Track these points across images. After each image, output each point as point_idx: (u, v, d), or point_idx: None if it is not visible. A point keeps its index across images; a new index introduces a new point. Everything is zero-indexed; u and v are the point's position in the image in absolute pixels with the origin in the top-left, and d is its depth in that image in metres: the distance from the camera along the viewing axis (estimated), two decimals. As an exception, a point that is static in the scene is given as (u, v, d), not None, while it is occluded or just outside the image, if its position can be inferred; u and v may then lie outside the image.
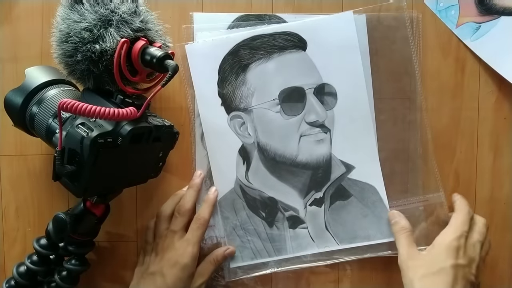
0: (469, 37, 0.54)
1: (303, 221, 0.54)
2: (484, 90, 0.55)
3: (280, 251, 0.54)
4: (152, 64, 0.40)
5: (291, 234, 0.54)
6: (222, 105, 0.53)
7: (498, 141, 0.55)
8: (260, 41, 0.53)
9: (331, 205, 0.54)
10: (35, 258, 0.47)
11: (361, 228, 0.54)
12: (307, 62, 0.53)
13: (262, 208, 0.54)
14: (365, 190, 0.54)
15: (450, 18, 0.55)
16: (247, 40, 0.53)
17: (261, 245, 0.54)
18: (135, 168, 0.46)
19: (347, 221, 0.54)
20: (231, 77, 0.53)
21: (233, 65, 0.53)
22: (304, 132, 0.53)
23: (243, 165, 0.54)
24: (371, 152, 0.54)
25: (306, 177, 0.54)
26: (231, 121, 0.54)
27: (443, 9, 0.55)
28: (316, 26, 0.53)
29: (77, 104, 0.36)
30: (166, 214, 0.51)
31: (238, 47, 0.53)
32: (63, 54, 0.41)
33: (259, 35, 0.53)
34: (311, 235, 0.54)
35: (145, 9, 0.43)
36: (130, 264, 0.54)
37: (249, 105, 0.53)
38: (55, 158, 0.39)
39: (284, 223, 0.54)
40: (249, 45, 0.53)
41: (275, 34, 0.53)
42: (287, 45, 0.53)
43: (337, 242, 0.54)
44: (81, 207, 0.45)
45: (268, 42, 0.53)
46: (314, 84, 0.53)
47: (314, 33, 0.53)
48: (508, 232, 0.55)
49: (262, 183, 0.54)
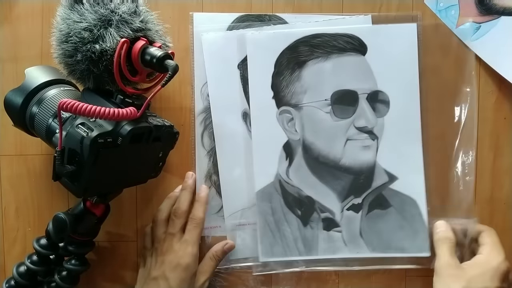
0: (469, 37, 0.54)
1: (338, 224, 0.54)
2: (484, 90, 0.55)
3: (311, 251, 0.54)
4: (152, 64, 0.40)
5: (324, 236, 0.54)
6: (274, 98, 0.53)
7: (498, 141, 0.55)
8: (320, 39, 0.53)
9: (368, 212, 0.54)
10: (35, 258, 0.47)
11: (396, 239, 0.53)
12: (365, 66, 0.53)
13: (298, 206, 0.54)
14: (406, 202, 0.53)
15: (450, 18, 0.55)
16: (308, 37, 0.53)
17: (292, 243, 0.54)
18: (135, 168, 0.46)
19: (383, 230, 0.53)
20: (287, 72, 0.53)
21: (291, 60, 0.53)
22: (351, 136, 0.53)
23: (285, 160, 0.54)
24: (417, 165, 0.53)
25: (347, 181, 0.54)
26: (280, 115, 0.54)
27: (443, 9, 0.55)
28: (379, 33, 0.53)
29: (77, 104, 0.36)
30: (163, 218, 0.51)
31: (298, 43, 0.53)
32: (63, 54, 0.41)
33: (320, 34, 0.53)
34: (344, 239, 0.54)
35: (145, 9, 0.43)
36: (130, 264, 0.55)
37: (300, 102, 0.53)
38: (55, 158, 0.39)
39: (318, 224, 0.54)
40: (309, 42, 0.53)
41: (337, 35, 0.53)
42: (347, 47, 0.53)
43: (370, 250, 0.54)
44: (81, 207, 0.45)
45: (329, 42, 0.53)
46: (369, 89, 0.53)
47: (375, 39, 0.53)
48: (508, 232, 0.55)
49: (302, 181, 0.54)
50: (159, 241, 0.50)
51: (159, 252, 0.50)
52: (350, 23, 0.53)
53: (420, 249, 0.53)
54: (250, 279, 0.55)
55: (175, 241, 0.50)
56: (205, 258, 0.52)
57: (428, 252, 0.53)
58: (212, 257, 0.52)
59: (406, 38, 0.53)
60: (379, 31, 0.53)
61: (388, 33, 0.53)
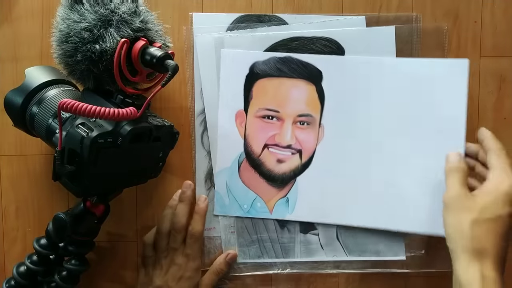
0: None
1: (315, 227, 0.54)
2: (484, 90, 0.55)
3: (288, 253, 0.54)
4: (152, 64, 0.40)
5: (301, 239, 0.54)
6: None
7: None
8: (298, 43, 0.53)
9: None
10: (35, 258, 0.47)
11: (371, 242, 0.53)
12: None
13: None
14: None
15: (450, 18, 0.55)
16: (286, 40, 0.53)
17: (269, 245, 0.54)
18: (135, 168, 0.46)
19: (359, 234, 0.53)
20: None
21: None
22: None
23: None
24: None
25: None
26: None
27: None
28: (355, 36, 0.53)
29: (77, 104, 0.36)
30: (165, 232, 0.52)
31: (276, 46, 0.53)
32: (63, 54, 0.41)
33: (298, 37, 0.53)
34: (321, 242, 0.54)
35: (145, 9, 0.43)
36: (130, 264, 0.55)
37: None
38: (55, 158, 0.39)
39: (295, 227, 0.54)
40: (287, 45, 0.53)
41: (315, 38, 0.53)
42: (325, 50, 0.53)
43: (346, 253, 0.54)
44: (81, 207, 0.45)
45: (307, 45, 0.53)
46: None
47: (354, 42, 0.53)
48: (508, 232, 0.55)
49: None
50: (162, 252, 0.51)
51: (162, 262, 0.51)
52: (343, 25, 0.53)
53: (395, 253, 0.53)
54: (253, 280, 0.55)
55: (177, 255, 0.51)
56: (208, 272, 0.53)
57: (404, 256, 0.53)
58: (215, 271, 0.53)
59: (384, 41, 0.53)
60: (357, 34, 0.53)
61: (364, 35, 0.53)
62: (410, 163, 0.52)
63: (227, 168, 0.54)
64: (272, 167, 0.53)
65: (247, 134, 0.54)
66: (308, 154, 0.53)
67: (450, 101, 0.51)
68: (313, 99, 0.53)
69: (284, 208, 0.54)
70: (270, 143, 0.53)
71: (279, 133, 0.53)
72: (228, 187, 0.54)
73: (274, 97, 0.53)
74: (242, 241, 0.54)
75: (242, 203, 0.54)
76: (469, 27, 0.54)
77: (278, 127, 0.53)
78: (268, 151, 0.53)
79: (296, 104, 0.53)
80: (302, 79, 0.53)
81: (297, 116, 0.53)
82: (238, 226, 0.54)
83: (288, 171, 0.53)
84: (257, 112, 0.53)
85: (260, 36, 0.53)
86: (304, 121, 0.53)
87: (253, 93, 0.53)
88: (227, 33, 0.53)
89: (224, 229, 0.54)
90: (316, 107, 0.53)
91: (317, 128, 0.53)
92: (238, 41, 0.53)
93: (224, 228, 0.54)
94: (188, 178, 0.54)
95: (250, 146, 0.53)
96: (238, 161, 0.54)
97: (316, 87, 0.53)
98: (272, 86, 0.53)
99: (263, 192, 0.54)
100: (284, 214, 0.54)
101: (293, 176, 0.53)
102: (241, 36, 0.53)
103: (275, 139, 0.53)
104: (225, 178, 0.54)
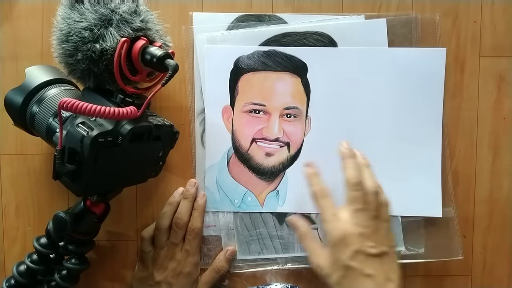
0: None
1: (313, 221, 0.54)
2: (483, 90, 0.55)
3: (287, 249, 0.54)
4: (152, 64, 0.41)
5: None
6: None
7: (497, 141, 0.55)
8: (291, 38, 0.53)
9: None
10: (35, 257, 0.47)
11: None
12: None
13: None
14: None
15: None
16: (279, 36, 0.53)
17: (269, 241, 0.54)
18: (135, 167, 0.46)
19: None
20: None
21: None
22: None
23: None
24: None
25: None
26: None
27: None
28: (348, 29, 0.53)
29: (78, 103, 0.36)
30: (165, 227, 0.52)
31: (268, 42, 0.53)
32: (64, 54, 0.41)
33: (291, 32, 0.53)
34: (320, 236, 0.54)
35: (145, 8, 0.43)
36: (130, 263, 0.55)
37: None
38: (55, 157, 0.39)
39: None
40: (280, 41, 0.53)
41: (307, 33, 0.53)
42: (317, 45, 0.53)
43: None
44: (81, 206, 0.45)
45: (299, 40, 0.53)
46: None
47: (345, 36, 0.53)
48: (507, 232, 0.55)
49: None
50: (162, 248, 0.51)
51: (162, 258, 0.51)
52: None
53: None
54: (250, 276, 0.55)
55: (177, 250, 0.51)
56: (209, 270, 0.53)
57: (403, 247, 0.53)
58: (215, 269, 0.53)
59: (375, 32, 0.53)
60: (348, 27, 0.53)
61: (356, 28, 0.53)
62: (396, 150, 0.53)
63: (216, 163, 0.54)
64: (261, 160, 0.54)
65: (234, 129, 0.54)
66: (296, 147, 0.54)
67: (428, 87, 0.53)
68: (298, 91, 0.53)
69: (275, 201, 0.54)
70: (258, 137, 0.53)
71: (266, 127, 0.53)
72: (218, 182, 0.54)
73: (260, 91, 0.53)
74: (241, 238, 0.54)
75: (232, 198, 0.54)
76: (468, 27, 0.54)
77: (265, 120, 0.53)
78: (256, 145, 0.53)
79: (282, 97, 0.53)
80: (287, 72, 0.53)
81: (284, 109, 0.53)
82: (237, 223, 0.54)
83: (277, 164, 0.54)
84: (244, 107, 0.53)
85: (252, 33, 0.53)
86: (291, 114, 0.53)
87: (238, 88, 0.53)
88: (219, 31, 0.53)
89: (224, 227, 0.54)
90: (302, 100, 0.53)
91: (303, 120, 0.53)
92: (230, 38, 0.53)
93: (223, 226, 0.54)
94: (188, 177, 0.54)
95: (238, 141, 0.54)
96: (226, 156, 0.54)
97: (302, 80, 0.53)
98: (257, 80, 0.53)
99: (253, 186, 0.54)
100: (275, 207, 0.54)
101: (282, 169, 0.54)
102: (233, 33, 0.53)
103: (262, 133, 0.53)
104: (215, 173, 0.54)
